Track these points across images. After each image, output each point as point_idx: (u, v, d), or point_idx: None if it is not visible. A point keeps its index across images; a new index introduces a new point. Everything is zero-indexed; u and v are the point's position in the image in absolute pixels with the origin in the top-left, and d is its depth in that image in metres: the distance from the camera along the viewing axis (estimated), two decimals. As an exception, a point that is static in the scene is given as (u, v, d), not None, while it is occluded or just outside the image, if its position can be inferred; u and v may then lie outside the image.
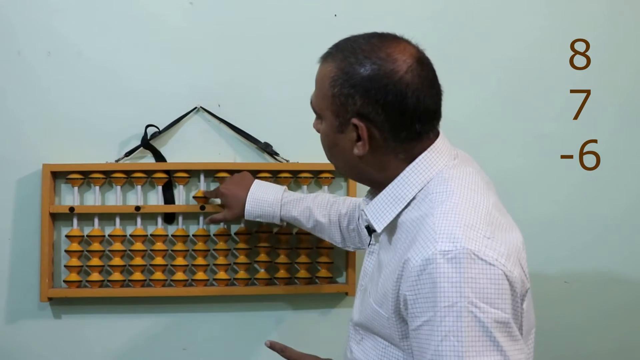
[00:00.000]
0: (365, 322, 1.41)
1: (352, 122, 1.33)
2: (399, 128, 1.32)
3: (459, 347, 1.17)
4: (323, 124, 1.40)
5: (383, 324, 1.33)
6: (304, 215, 1.95)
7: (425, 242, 1.22)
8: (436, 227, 1.23)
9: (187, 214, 2.11)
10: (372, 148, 1.34)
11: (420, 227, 1.26)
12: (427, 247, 1.21)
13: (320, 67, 1.40)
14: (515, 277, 1.23)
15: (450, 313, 1.18)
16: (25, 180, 2.06)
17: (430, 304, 1.20)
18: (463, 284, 1.18)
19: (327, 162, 2.07)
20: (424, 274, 1.20)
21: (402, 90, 1.30)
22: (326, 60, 1.39)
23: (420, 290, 1.21)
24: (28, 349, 2.08)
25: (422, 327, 1.22)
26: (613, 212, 2.24)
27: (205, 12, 2.12)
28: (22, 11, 2.06)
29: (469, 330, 1.17)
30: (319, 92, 1.39)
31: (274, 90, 2.15)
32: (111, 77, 2.09)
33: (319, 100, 1.39)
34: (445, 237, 1.21)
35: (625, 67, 2.25)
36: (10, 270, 2.07)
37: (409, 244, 1.26)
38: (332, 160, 1.45)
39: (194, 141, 2.13)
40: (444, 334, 1.18)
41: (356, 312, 1.48)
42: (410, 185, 1.34)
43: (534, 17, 2.22)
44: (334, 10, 2.16)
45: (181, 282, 2.08)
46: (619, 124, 2.25)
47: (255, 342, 2.15)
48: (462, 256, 1.19)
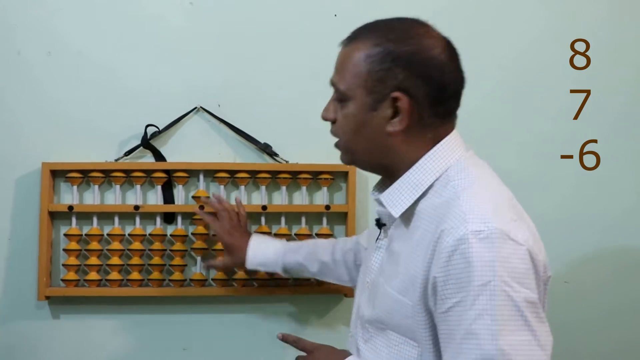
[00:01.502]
0: (381, 317, 1.38)
1: (393, 96, 1.32)
2: (437, 103, 1.34)
3: (492, 325, 1.17)
4: (347, 106, 1.38)
5: (406, 313, 1.31)
6: (308, 259, 1.88)
7: (455, 223, 1.23)
8: (465, 208, 1.24)
9: (186, 214, 2.11)
10: (408, 124, 1.34)
11: (447, 211, 1.26)
12: (458, 228, 1.22)
13: (347, 48, 1.39)
14: (540, 260, 1.26)
15: (484, 292, 1.18)
16: (24, 179, 2.06)
17: (462, 284, 1.20)
18: (496, 263, 1.19)
19: (326, 163, 2.11)
20: (455, 254, 1.21)
21: (441, 67, 1.33)
22: (355, 41, 1.39)
23: (452, 270, 1.21)
24: (26, 348, 2.08)
25: (452, 309, 1.21)
26: (613, 212, 2.23)
27: (205, 12, 2.13)
28: (22, 11, 2.07)
29: (501, 309, 1.18)
30: (346, 72, 1.37)
31: (274, 91, 2.15)
32: (111, 77, 2.10)
33: (346, 80, 1.37)
34: (476, 218, 1.22)
35: (625, 67, 2.24)
36: (9, 269, 2.08)
37: (435, 227, 1.26)
38: (353, 145, 1.40)
39: (193, 141, 2.13)
40: (478, 313, 1.18)
41: (367, 308, 1.43)
42: (430, 171, 1.34)
43: (534, 17, 2.22)
44: (334, 10, 2.16)
45: (179, 282, 2.08)
46: (619, 124, 2.24)
47: (254, 342, 2.14)
48: (494, 236, 1.20)
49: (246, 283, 2.11)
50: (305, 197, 2.14)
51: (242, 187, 2.12)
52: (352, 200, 2.13)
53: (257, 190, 2.15)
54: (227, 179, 2.11)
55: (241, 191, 2.12)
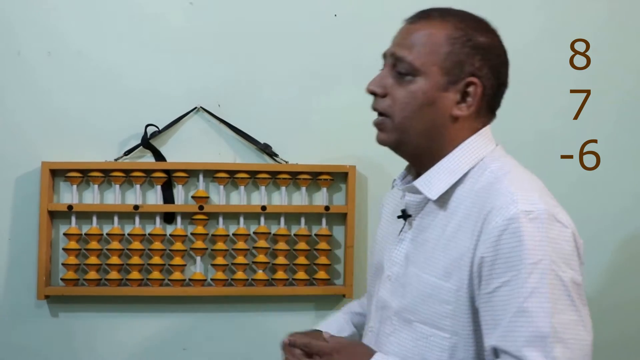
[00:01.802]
0: (412, 306, 1.35)
1: (468, 81, 1.34)
2: (495, 97, 1.40)
3: (545, 303, 1.19)
4: (415, 82, 1.34)
5: (446, 299, 1.29)
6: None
7: (504, 203, 1.24)
8: (512, 190, 1.26)
9: (186, 214, 2.11)
10: (474, 110, 1.36)
11: (491, 192, 1.28)
12: (507, 208, 1.23)
13: (421, 25, 1.37)
14: (581, 244, 1.29)
15: (536, 270, 1.20)
16: (24, 178, 2.07)
17: (512, 262, 1.21)
18: (546, 243, 1.21)
19: (326, 163, 2.11)
20: (506, 233, 1.22)
21: (506, 65, 1.40)
22: (431, 20, 1.37)
23: (501, 249, 1.22)
24: (24, 347, 2.08)
25: (500, 289, 1.22)
26: (613, 212, 2.23)
27: (205, 12, 2.13)
28: (22, 11, 2.07)
29: (552, 287, 1.20)
30: (421, 48, 1.35)
31: (274, 91, 2.15)
32: (111, 77, 2.10)
33: (421, 56, 1.34)
34: (524, 199, 1.24)
35: (625, 67, 2.24)
36: (8, 268, 2.08)
37: (479, 209, 1.27)
38: (411, 123, 1.35)
39: (193, 141, 2.13)
40: (530, 291, 1.19)
41: (394, 300, 1.39)
42: (467, 159, 1.36)
43: (534, 17, 2.22)
44: (334, 10, 2.17)
45: (179, 281, 2.08)
46: (619, 124, 2.24)
47: (254, 342, 2.14)
48: (543, 217, 1.23)
49: (246, 283, 2.11)
50: (305, 198, 2.14)
51: (242, 188, 2.12)
52: (351, 201, 2.13)
53: (256, 190, 2.15)
54: (227, 179, 2.11)
55: (241, 191, 2.12)
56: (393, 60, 1.37)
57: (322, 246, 2.13)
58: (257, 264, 2.11)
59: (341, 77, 2.17)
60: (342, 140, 2.17)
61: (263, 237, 2.11)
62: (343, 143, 2.17)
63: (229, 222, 2.13)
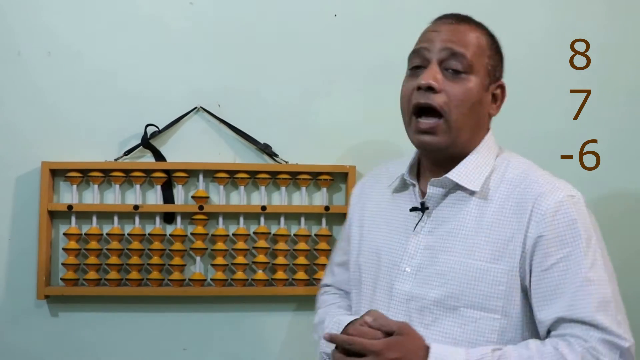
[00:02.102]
0: (459, 292, 1.39)
1: (500, 83, 1.51)
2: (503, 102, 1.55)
3: (603, 273, 1.35)
4: (470, 80, 1.43)
5: (498, 280, 1.37)
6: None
7: (549, 189, 1.39)
8: (548, 180, 1.42)
9: (186, 214, 2.11)
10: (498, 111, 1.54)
11: (529, 182, 1.41)
12: (554, 193, 1.38)
13: (466, 27, 1.48)
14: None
15: (591, 245, 1.35)
16: (24, 178, 2.07)
17: (567, 240, 1.35)
18: (589, 222, 1.38)
19: (326, 164, 2.11)
20: (558, 214, 1.36)
21: None
22: (471, 24, 1.50)
23: (557, 228, 1.35)
24: (24, 346, 2.08)
25: (557, 264, 1.35)
26: (613, 212, 2.23)
27: (205, 12, 2.13)
28: (22, 11, 2.07)
29: (604, 260, 1.37)
30: (476, 49, 1.45)
31: (274, 91, 2.15)
32: (111, 77, 2.10)
33: (475, 55, 1.45)
34: (563, 186, 1.41)
35: (625, 67, 2.24)
36: (8, 268, 2.08)
37: (521, 195, 1.40)
38: (465, 121, 1.44)
39: (193, 141, 2.13)
40: (591, 263, 1.34)
41: (430, 290, 1.41)
42: (490, 154, 1.49)
43: (535, 17, 2.22)
44: (334, 10, 2.17)
45: (178, 281, 2.08)
46: (619, 124, 2.24)
47: (254, 342, 2.14)
48: (581, 201, 1.40)
49: (246, 283, 2.11)
50: (305, 198, 2.14)
51: (242, 188, 2.12)
52: (351, 201, 2.13)
53: (256, 190, 2.15)
54: (227, 179, 2.11)
55: (240, 191, 2.12)
56: (446, 55, 1.43)
57: (322, 246, 2.12)
58: (256, 264, 2.11)
59: (341, 77, 2.17)
60: (342, 140, 2.17)
61: (263, 237, 2.11)
62: (343, 143, 2.17)
63: (228, 222, 2.13)
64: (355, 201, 1.67)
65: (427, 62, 1.44)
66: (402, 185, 1.55)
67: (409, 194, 1.53)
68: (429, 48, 1.44)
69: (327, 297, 1.72)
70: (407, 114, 1.46)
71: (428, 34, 1.47)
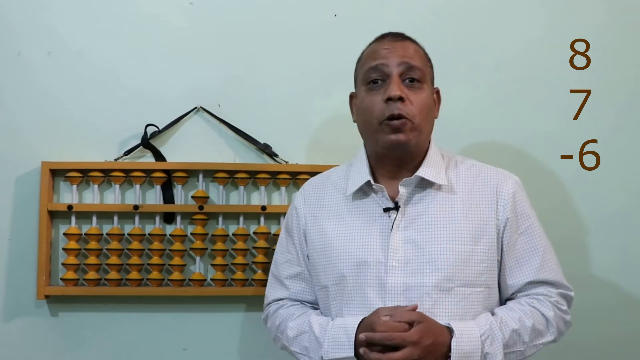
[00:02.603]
0: (452, 274, 1.56)
1: (437, 90, 1.71)
2: None
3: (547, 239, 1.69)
4: (424, 88, 1.63)
5: (480, 258, 1.59)
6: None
7: (503, 177, 1.66)
8: (494, 169, 1.69)
9: (186, 214, 2.11)
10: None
11: (482, 173, 1.67)
12: (508, 180, 1.66)
13: (410, 43, 1.67)
14: None
15: (536, 218, 1.68)
16: (24, 178, 2.07)
17: (525, 216, 1.65)
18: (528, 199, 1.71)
19: (326, 164, 2.11)
20: (516, 196, 1.65)
21: None
22: (411, 40, 1.68)
23: (516, 208, 1.64)
24: (24, 346, 2.08)
25: (521, 237, 1.64)
26: (613, 212, 2.22)
27: (205, 12, 2.13)
28: (22, 11, 2.08)
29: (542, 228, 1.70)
30: (423, 61, 1.66)
31: (274, 91, 2.15)
32: (111, 77, 2.10)
33: (425, 67, 1.66)
34: (507, 172, 1.69)
35: (625, 67, 2.24)
36: (8, 268, 2.08)
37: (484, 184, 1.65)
38: (425, 124, 1.64)
39: (193, 141, 2.13)
40: (541, 233, 1.67)
41: (426, 276, 1.56)
42: (438, 151, 1.69)
43: (534, 17, 2.21)
44: (334, 10, 2.17)
45: (178, 281, 2.08)
46: (619, 124, 2.23)
47: (254, 342, 2.14)
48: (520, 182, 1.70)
49: (246, 283, 2.11)
50: (305, 198, 2.14)
51: (242, 188, 2.12)
52: (351, 201, 2.13)
53: (256, 190, 2.15)
54: (227, 179, 2.11)
55: (240, 191, 2.12)
56: (404, 69, 1.61)
57: (322, 246, 2.12)
58: (256, 264, 2.11)
59: (341, 77, 2.15)
60: (341, 140, 2.16)
61: (263, 237, 2.11)
62: (343, 143, 2.16)
63: (228, 222, 2.13)
64: (302, 214, 1.74)
65: (386, 76, 1.61)
66: (362, 191, 1.67)
67: (373, 197, 1.65)
68: (387, 64, 1.62)
69: (289, 310, 1.74)
70: (376, 122, 1.61)
71: (380, 51, 1.64)
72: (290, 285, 1.76)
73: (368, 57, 1.67)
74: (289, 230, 1.77)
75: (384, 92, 1.59)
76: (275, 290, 1.79)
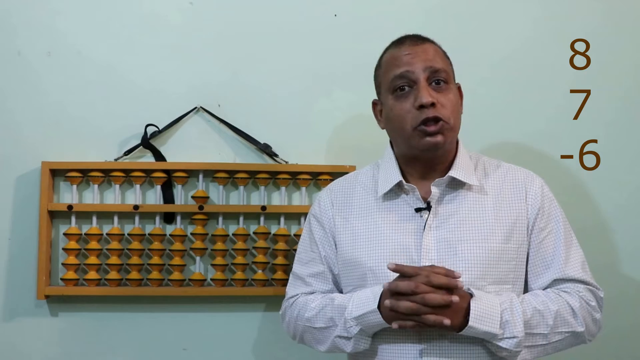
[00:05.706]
0: (484, 272, 1.58)
1: (458, 86, 1.70)
2: None
3: (575, 238, 1.70)
4: (451, 89, 1.64)
5: (510, 257, 1.61)
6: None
7: (529, 177, 1.70)
8: (519, 168, 1.72)
9: (186, 214, 2.11)
10: None
11: (510, 173, 1.70)
12: (535, 179, 1.70)
13: (429, 45, 1.66)
14: None
15: (564, 217, 1.70)
16: (24, 178, 2.07)
17: (551, 216, 1.68)
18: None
19: (326, 164, 2.12)
20: (544, 196, 1.68)
21: None
22: (430, 41, 1.68)
23: (544, 206, 1.67)
24: (24, 346, 2.08)
25: (548, 237, 1.65)
26: (613, 212, 2.23)
27: (205, 11, 2.13)
28: (22, 11, 2.08)
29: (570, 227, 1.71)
30: (444, 62, 1.66)
31: (274, 91, 2.15)
32: (111, 77, 2.11)
33: (448, 67, 1.67)
34: (531, 172, 1.72)
35: (625, 67, 2.24)
36: (8, 268, 2.08)
37: (513, 183, 1.68)
38: (458, 121, 1.66)
39: (193, 141, 2.13)
40: (568, 232, 1.69)
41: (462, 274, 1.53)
42: (465, 151, 1.71)
43: (534, 17, 2.22)
44: (334, 10, 2.17)
45: (178, 281, 2.08)
46: (619, 124, 2.24)
47: (254, 342, 2.14)
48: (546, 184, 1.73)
49: (246, 283, 2.11)
50: (305, 198, 2.14)
51: (242, 188, 2.12)
52: (351, 201, 2.13)
53: (256, 190, 2.15)
54: (227, 179, 2.11)
55: (240, 191, 2.12)
56: (430, 73, 1.61)
57: (322, 246, 2.12)
58: (256, 264, 2.11)
59: (341, 77, 2.17)
60: (342, 140, 2.17)
61: (263, 237, 2.11)
62: (343, 143, 2.17)
63: (228, 222, 2.13)
64: (330, 216, 1.72)
65: (413, 82, 1.61)
66: (392, 192, 1.67)
67: (403, 198, 1.66)
68: (412, 70, 1.61)
69: (308, 297, 1.72)
70: (410, 129, 1.60)
71: (403, 57, 1.64)
72: (312, 282, 1.73)
73: (391, 64, 1.66)
74: (313, 231, 1.74)
75: (415, 99, 1.59)
76: (296, 287, 1.76)
